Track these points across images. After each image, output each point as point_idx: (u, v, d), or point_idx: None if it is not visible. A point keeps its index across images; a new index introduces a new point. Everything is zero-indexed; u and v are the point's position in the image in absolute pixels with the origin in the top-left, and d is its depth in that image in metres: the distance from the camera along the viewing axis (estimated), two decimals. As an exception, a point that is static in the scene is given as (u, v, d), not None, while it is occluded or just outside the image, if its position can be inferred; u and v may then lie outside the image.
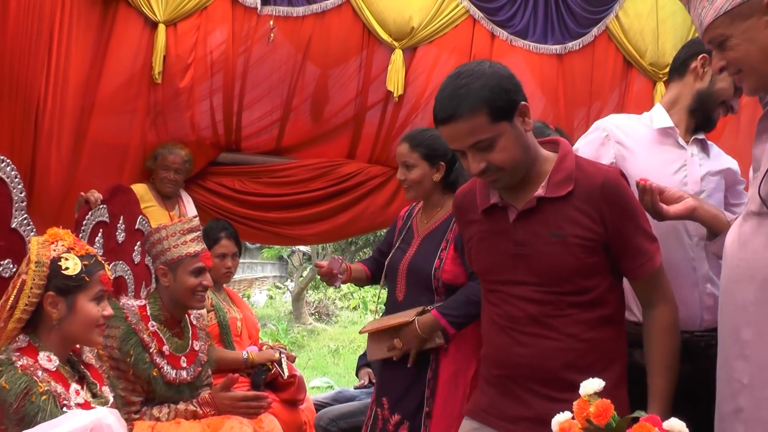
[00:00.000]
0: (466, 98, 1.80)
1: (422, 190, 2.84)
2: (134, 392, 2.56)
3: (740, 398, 1.69)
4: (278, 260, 20.44)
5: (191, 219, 2.81)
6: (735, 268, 1.74)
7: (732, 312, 1.74)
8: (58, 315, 1.99)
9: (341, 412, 3.84)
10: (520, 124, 1.86)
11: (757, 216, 1.69)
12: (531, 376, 1.91)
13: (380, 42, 4.48)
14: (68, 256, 2.01)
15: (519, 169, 1.88)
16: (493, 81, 1.81)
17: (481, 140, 1.82)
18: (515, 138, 1.84)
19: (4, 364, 1.88)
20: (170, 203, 4.21)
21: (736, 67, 1.71)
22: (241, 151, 4.67)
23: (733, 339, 1.73)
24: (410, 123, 4.57)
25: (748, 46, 1.65)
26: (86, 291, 2.03)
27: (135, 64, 4.27)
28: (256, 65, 4.47)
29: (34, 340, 1.98)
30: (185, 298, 2.71)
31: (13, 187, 2.40)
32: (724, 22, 1.67)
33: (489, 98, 1.79)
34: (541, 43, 4.63)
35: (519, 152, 1.86)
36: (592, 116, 4.72)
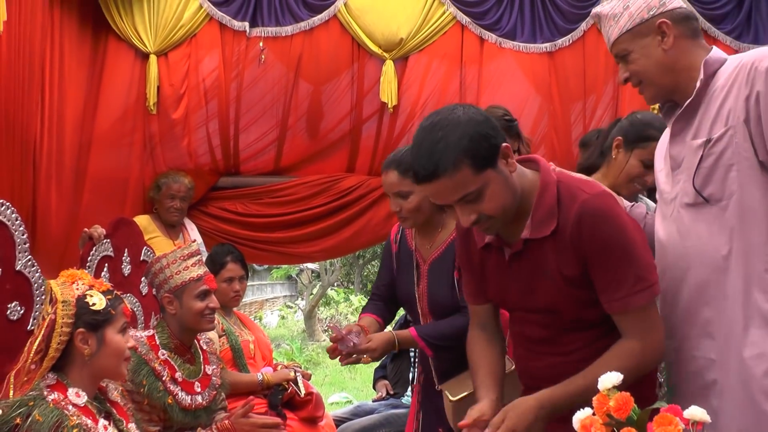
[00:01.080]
0: (445, 153, 1.71)
1: (422, 217, 2.61)
2: (150, 422, 2.55)
3: (710, 373, 1.89)
4: (287, 280, 20.43)
5: (190, 244, 2.80)
6: (683, 257, 1.94)
7: (687, 296, 1.93)
8: (90, 351, 2.01)
9: (362, 425, 3.83)
10: (505, 167, 1.79)
11: (693, 207, 1.93)
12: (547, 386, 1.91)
13: (370, 54, 4.50)
14: (92, 293, 2.05)
15: (510, 213, 1.84)
16: (470, 129, 1.73)
17: (468, 193, 1.76)
18: (503, 183, 1.79)
19: (35, 399, 1.90)
20: (174, 232, 4.21)
21: (638, 79, 2.00)
22: (241, 174, 4.67)
23: (692, 321, 1.92)
24: (407, 132, 4.57)
25: (645, 61, 1.97)
26: (113, 324, 2.06)
27: (129, 96, 4.30)
28: (249, 88, 4.49)
29: (62, 377, 2.00)
30: (194, 322, 2.70)
31: (15, 230, 2.40)
32: (626, 39, 1.98)
33: (469, 149, 1.71)
34: (530, 42, 4.64)
35: (508, 197, 1.81)
36: (588, 110, 4.72)
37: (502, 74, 4.67)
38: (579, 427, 1.48)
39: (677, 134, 2.01)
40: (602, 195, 1.85)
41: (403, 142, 4.58)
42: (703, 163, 1.89)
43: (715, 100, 1.91)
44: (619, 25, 1.98)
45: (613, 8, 2.02)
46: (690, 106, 1.96)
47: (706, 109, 1.93)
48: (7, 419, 1.83)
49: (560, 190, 1.85)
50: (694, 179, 1.91)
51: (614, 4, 2.03)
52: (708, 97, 1.93)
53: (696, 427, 1.39)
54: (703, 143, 1.90)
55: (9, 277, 2.37)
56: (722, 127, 1.87)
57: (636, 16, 1.97)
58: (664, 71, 1.97)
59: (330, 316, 15.66)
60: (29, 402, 1.88)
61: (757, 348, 1.82)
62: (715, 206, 1.89)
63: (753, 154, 1.84)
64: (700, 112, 1.94)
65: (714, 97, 1.91)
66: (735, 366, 1.84)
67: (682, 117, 1.98)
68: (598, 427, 1.46)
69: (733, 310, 1.85)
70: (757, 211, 1.84)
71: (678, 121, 2.00)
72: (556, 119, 4.70)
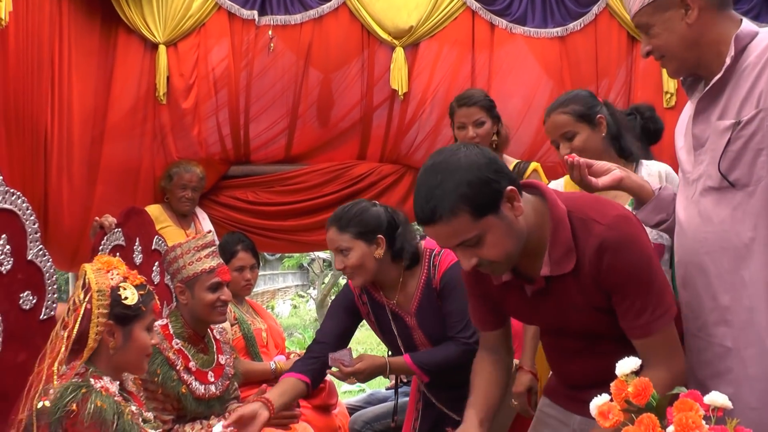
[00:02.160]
0: (442, 199, 1.65)
1: (367, 273, 2.55)
2: (165, 411, 2.56)
3: (726, 361, 1.84)
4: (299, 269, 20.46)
5: (205, 235, 2.80)
6: (703, 241, 1.87)
7: (706, 281, 1.87)
8: (115, 344, 1.99)
9: (375, 414, 3.82)
10: (510, 211, 1.72)
11: (716, 191, 1.85)
12: (576, 383, 2.00)
13: (380, 42, 4.47)
14: (126, 286, 2.02)
15: (513, 257, 1.77)
16: (470, 175, 1.66)
17: (467, 240, 1.70)
18: (505, 229, 1.71)
19: (87, 386, 1.87)
20: (186, 222, 4.21)
21: (660, 53, 1.92)
22: (252, 163, 4.67)
23: (711, 307, 1.86)
24: (418, 119, 4.54)
25: (668, 35, 1.88)
26: (142, 320, 2.04)
27: (139, 87, 4.30)
28: (259, 77, 4.48)
29: (91, 367, 1.97)
30: (205, 314, 2.70)
31: (26, 219, 2.40)
32: (647, 12, 1.89)
33: (468, 195, 1.65)
34: (541, 27, 4.59)
35: (511, 242, 1.73)
36: (601, 95, 4.65)
37: (513, 60, 4.63)
38: (597, 413, 1.47)
39: (701, 112, 1.90)
40: (617, 223, 1.77)
41: (414, 129, 4.56)
42: (731, 146, 1.80)
43: (745, 79, 1.81)
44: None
45: None
46: (717, 84, 1.85)
47: (734, 87, 1.83)
48: (62, 405, 1.81)
49: (573, 223, 1.79)
50: (720, 162, 1.82)
51: None
52: (737, 74, 1.82)
53: (716, 413, 1.37)
54: (731, 125, 1.81)
55: (21, 266, 2.36)
56: (753, 109, 1.78)
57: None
58: (689, 46, 1.87)
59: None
60: (82, 388, 1.85)
61: None
62: (741, 191, 1.81)
63: None
64: (728, 91, 1.84)
65: (744, 76, 1.81)
66: (755, 355, 1.80)
67: (708, 95, 1.88)
68: (616, 413, 1.44)
69: (753, 299, 1.80)
70: None
71: (703, 99, 1.90)
72: (568, 105, 4.65)
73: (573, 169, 2.04)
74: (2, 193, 2.31)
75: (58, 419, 1.79)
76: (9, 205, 2.34)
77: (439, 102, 4.56)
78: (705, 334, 1.89)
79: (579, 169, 2.03)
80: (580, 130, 2.48)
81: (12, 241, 2.32)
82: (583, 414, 1.89)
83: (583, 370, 1.97)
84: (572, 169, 2.04)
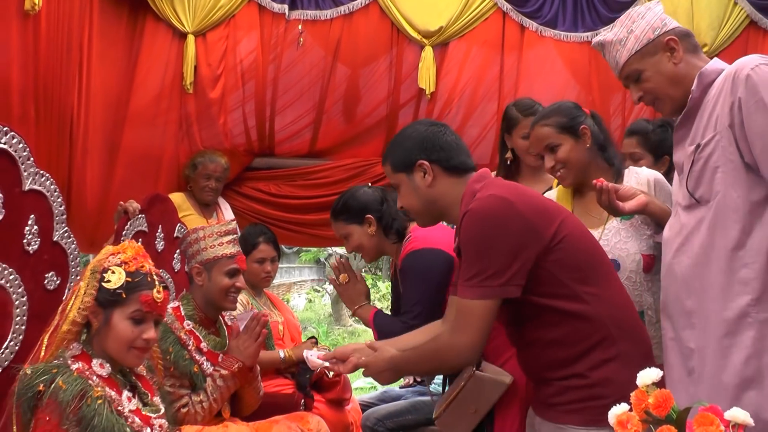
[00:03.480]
0: (385, 150, 2.19)
1: (369, 250, 2.86)
2: (182, 386, 2.60)
3: (691, 361, 2.03)
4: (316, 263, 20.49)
5: (228, 222, 2.85)
6: (675, 252, 2.10)
7: (676, 288, 2.09)
8: (97, 325, 2.00)
9: (388, 411, 3.81)
10: (421, 180, 2.08)
11: (688, 208, 2.08)
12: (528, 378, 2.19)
13: (409, 40, 4.47)
14: (116, 269, 1.99)
15: (425, 215, 2.15)
16: (399, 138, 2.16)
17: (393, 185, 2.17)
18: (411, 189, 2.11)
19: (60, 367, 1.89)
20: (208, 211, 4.23)
21: (653, 96, 2.16)
22: (276, 156, 4.67)
23: (680, 311, 2.08)
24: (444, 118, 4.53)
25: (659, 77, 2.12)
26: (122, 308, 1.99)
27: (166, 75, 4.31)
28: (287, 70, 4.48)
29: (87, 348, 1.99)
30: (218, 298, 2.73)
31: (53, 201, 2.43)
32: (636, 60, 2.14)
33: (393, 154, 2.14)
34: (571, 31, 4.60)
35: (416, 202, 2.11)
36: (629, 102, 4.65)
37: (542, 63, 4.61)
38: (615, 423, 1.46)
39: (679, 142, 2.17)
40: (485, 199, 1.96)
41: (440, 128, 4.55)
42: (695, 166, 2.05)
43: (707, 109, 2.05)
44: (627, 48, 2.14)
45: (617, 34, 2.18)
46: (686, 115, 2.11)
47: (701, 117, 2.07)
48: (30, 385, 1.83)
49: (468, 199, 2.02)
50: (687, 181, 2.07)
51: (617, 30, 2.19)
52: (704, 105, 2.07)
53: (738, 429, 1.36)
54: (694, 148, 2.06)
55: (47, 247, 2.40)
56: (711, 133, 2.02)
57: (642, 37, 2.13)
58: (676, 84, 2.11)
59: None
60: (53, 369, 1.87)
61: (733, 337, 1.95)
62: (704, 206, 2.03)
63: (738, 157, 1.97)
64: (696, 121, 2.09)
65: (707, 107, 2.05)
66: (710, 354, 1.98)
67: (681, 126, 2.14)
68: (635, 423, 1.43)
69: (710, 302, 1.99)
70: (739, 209, 1.97)
71: (677, 130, 2.16)
72: (595, 110, 4.61)
73: (601, 193, 2.24)
74: (32, 174, 2.34)
75: (28, 399, 1.83)
76: (38, 186, 2.37)
77: (466, 102, 4.56)
78: (677, 337, 2.10)
79: (607, 194, 2.24)
80: (563, 142, 2.47)
81: (39, 222, 2.36)
82: (537, 413, 2.08)
83: (524, 361, 2.12)
84: (600, 193, 2.24)
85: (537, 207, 1.98)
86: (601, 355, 1.94)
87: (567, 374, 1.95)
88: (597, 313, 1.94)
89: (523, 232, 1.91)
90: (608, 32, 2.23)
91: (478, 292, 1.91)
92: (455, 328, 1.97)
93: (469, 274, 1.92)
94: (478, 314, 1.92)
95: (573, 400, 1.94)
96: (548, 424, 2.00)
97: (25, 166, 2.32)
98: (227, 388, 2.66)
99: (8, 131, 2.26)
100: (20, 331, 2.31)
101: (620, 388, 1.81)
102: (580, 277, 1.95)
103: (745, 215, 1.96)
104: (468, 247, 1.95)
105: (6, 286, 2.26)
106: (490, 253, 1.91)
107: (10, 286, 2.27)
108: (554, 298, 1.94)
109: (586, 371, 1.93)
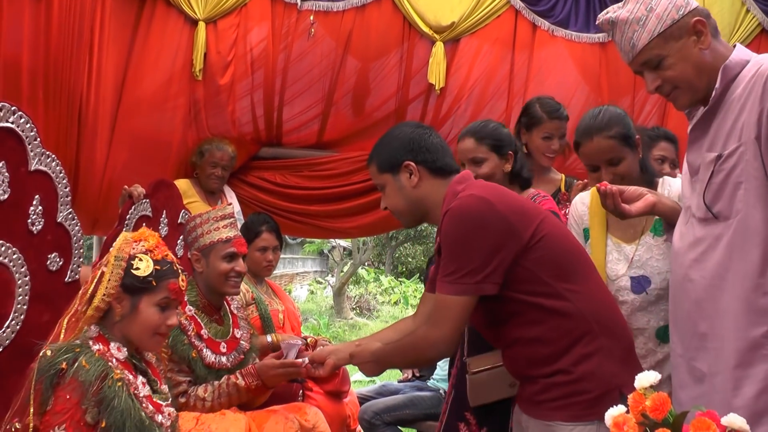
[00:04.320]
0: (372, 153, 2.21)
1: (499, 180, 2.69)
2: (180, 372, 2.60)
3: (702, 385, 1.92)
4: (319, 255, 20.54)
5: (225, 207, 2.84)
6: (688, 268, 1.95)
7: (689, 307, 1.96)
8: (121, 311, 2.00)
9: (386, 405, 3.83)
10: (407, 180, 2.12)
11: (704, 221, 1.91)
12: (514, 377, 2.21)
13: (421, 35, 4.45)
14: (143, 257, 2.01)
15: (406, 216, 2.18)
16: (386, 139, 2.19)
17: (377, 185, 2.21)
18: (396, 189, 2.14)
19: (82, 347, 1.90)
20: (213, 199, 4.23)
21: (673, 85, 1.91)
22: (283, 146, 4.67)
23: (692, 332, 1.95)
24: (452, 115, 4.54)
25: (683, 65, 1.88)
26: (151, 295, 2.02)
27: (175, 61, 4.30)
28: (297, 60, 4.46)
29: (104, 331, 1.99)
30: (218, 283, 2.73)
31: (58, 182, 2.43)
32: (658, 44, 1.88)
33: (378, 154, 2.18)
34: (583, 31, 4.59)
35: (401, 202, 2.15)
36: (637, 105, 4.64)
37: (553, 62, 4.60)
38: (611, 424, 1.45)
39: (694, 142, 1.97)
40: (465, 198, 2.00)
41: (448, 124, 4.55)
42: (714, 178, 1.86)
43: (732, 111, 1.84)
44: (647, 29, 1.89)
45: (633, 12, 1.92)
46: (707, 115, 1.90)
47: (722, 119, 1.87)
48: (53, 363, 1.83)
49: (450, 199, 2.06)
50: (705, 194, 1.89)
51: (632, 7, 1.92)
52: (726, 106, 1.86)
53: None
54: (714, 158, 1.86)
55: (50, 228, 2.40)
56: (735, 143, 1.82)
57: (666, 17, 1.88)
58: (701, 74, 1.89)
59: (359, 295, 15.73)
60: (75, 348, 1.88)
61: (746, 369, 1.83)
62: (722, 223, 1.86)
63: (764, 174, 1.79)
64: (716, 123, 1.88)
65: (731, 108, 1.84)
66: (720, 383, 1.87)
67: (699, 126, 1.93)
68: (632, 425, 1.42)
69: (724, 329, 1.87)
70: (761, 232, 1.81)
71: (694, 130, 1.96)
72: (604, 113, 4.62)
73: (606, 197, 2.12)
74: (39, 155, 2.35)
75: (50, 377, 1.82)
76: (44, 167, 2.37)
77: (475, 99, 4.55)
78: (688, 357, 1.98)
79: (613, 197, 2.11)
80: (625, 155, 2.33)
81: (44, 203, 2.36)
82: (524, 411, 2.10)
83: (508, 361, 2.14)
84: (605, 197, 2.12)
85: (516, 208, 2.02)
86: (583, 350, 1.97)
87: (551, 371, 1.98)
88: (577, 309, 1.98)
89: (502, 231, 1.95)
90: (620, 9, 1.96)
91: (455, 288, 1.96)
92: (431, 322, 2.02)
93: (448, 271, 1.97)
94: (454, 309, 1.97)
95: (558, 396, 1.97)
96: (536, 421, 2.02)
97: (32, 146, 2.32)
98: (236, 398, 2.64)
99: (16, 111, 2.26)
100: (22, 310, 2.32)
101: (604, 381, 1.94)
102: (559, 275, 1.99)
103: (767, 239, 1.81)
104: (447, 245, 2.00)
105: (9, 265, 2.26)
106: (469, 251, 1.95)
107: (14, 265, 2.28)
108: (535, 295, 1.98)
109: (569, 366, 1.96)
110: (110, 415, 1.83)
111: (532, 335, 2.00)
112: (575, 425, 1.94)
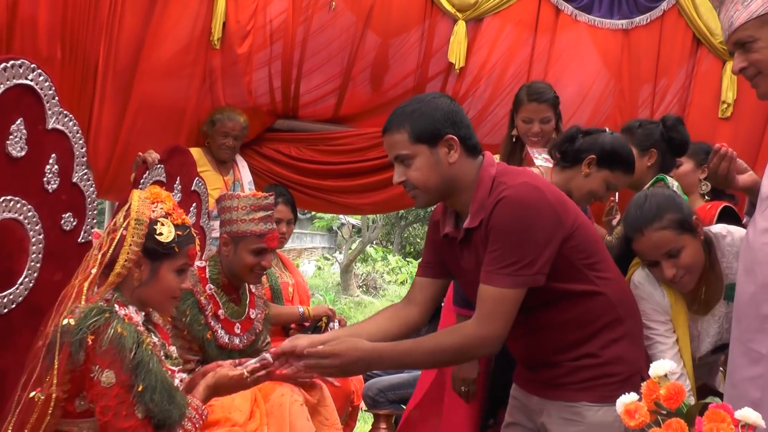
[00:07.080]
0: (399, 116, 1.99)
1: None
2: (190, 351, 2.58)
3: (758, 366, 1.87)
4: (327, 231, 20.54)
5: (267, 196, 2.76)
6: (758, 252, 1.90)
7: (753, 290, 1.90)
8: (140, 277, 1.97)
9: (390, 383, 3.83)
10: (444, 155, 1.96)
11: None
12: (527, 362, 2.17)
13: (443, 13, 4.41)
14: (165, 222, 1.97)
15: (434, 192, 2.01)
16: (427, 109, 1.96)
17: (401, 155, 1.98)
18: (432, 163, 1.96)
19: (111, 312, 1.86)
20: (225, 168, 4.20)
21: (757, 69, 1.90)
22: (299, 119, 4.64)
23: (754, 314, 1.89)
24: (471, 94, 4.51)
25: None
26: (172, 261, 1.99)
27: (194, 29, 4.26)
28: (316, 33, 4.43)
29: (119, 295, 1.96)
30: (242, 273, 2.71)
31: (75, 142, 2.42)
32: (754, 25, 1.86)
33: (413, 119, 1.95)
34: (606, 17, 4.54)
35: (433, 177, 1.97)
36: (658, 94, 4.60)
37: (574, 47, 4.56)
38: (623, 411, 1.45)
39: None
40: (520, 186, 1.93)
41: (466, 105, 4.50)
42: None
43: None
44: (748, 10, 1.87)
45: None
46: None
47: None
48: (84, 326, 1.80)
49: (493, 185, 1.97)
50: None
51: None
52: None
53: (747, 430, 1.35)
54: None
55: (65, 188, 2.39)
56: None
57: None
58: None
59: (366, 273, 15.76)
60: (105, 313, 1.84)
61: None
62: None
63: None
64: None
65: None
66: None
67: None
68: (643, 413, 1.42)
69: None
70: None
71: None
72: (624, 100, 4.60)
73: (723, 159, 2.06)
74: (56, 113, 2.34)
75: (79, 340, 1.79)
76: (61, 126, 2.36)
77: (494, 80, 4.52)
78: (745, 339, 1.94)
79: (730, 161, 2.06)
80: (685, 244, 2.13)
81: (60, 162, 2.36)
82: (538, 394, 2.09)
83: (527, 346, 2.12)
84: (722, 158, 2.06)
85: (560, 197, 2.03)
86: (610, 335, 2.01)
87: (578, 355, 2.01)
88: (606, 295, 2.02)
89: (553, 222, 1.94)
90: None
91: (514, 280, 1.91)
92: (484, 318, 1.93)
93: (507, 262, 1.90)
94: (510, 303, 1.93)
95: (586, 378, 1.99)
96: (557, 403, 2.03)
97: (50, 105, 2.31)
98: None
99: (35, 68, 2.25)
100: (35, 268, 2.31)
101: (630, 365, 2.01)
102: (591, 263, 2.01)
103: None
104: (505, 235, 1.91)
105: (24, 222, 2.26)
106: (527, 242, 1.90)
107: (28, 222, 2.27)
108: (570, 282, 1.99)
109: (597, 350, 2.00)
110: (147, 378, 1.82)
111: (562, 320, 2.01)
112: (601, 406, 1.96)
